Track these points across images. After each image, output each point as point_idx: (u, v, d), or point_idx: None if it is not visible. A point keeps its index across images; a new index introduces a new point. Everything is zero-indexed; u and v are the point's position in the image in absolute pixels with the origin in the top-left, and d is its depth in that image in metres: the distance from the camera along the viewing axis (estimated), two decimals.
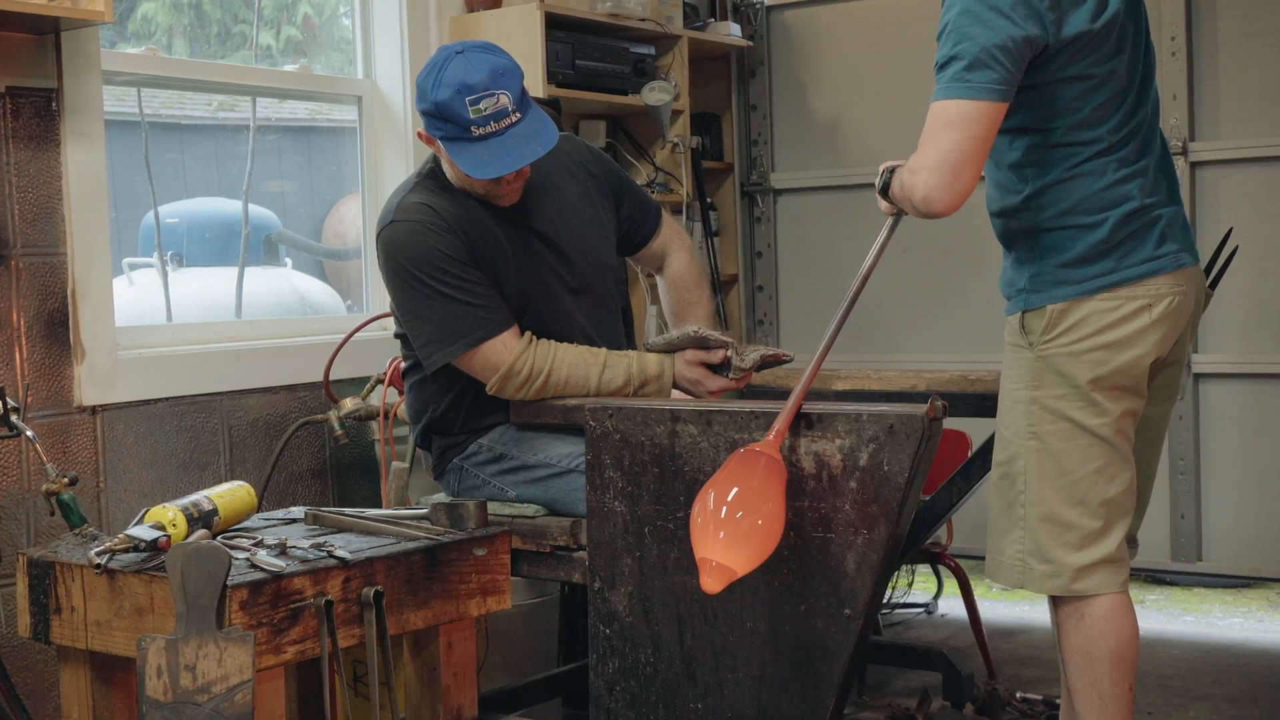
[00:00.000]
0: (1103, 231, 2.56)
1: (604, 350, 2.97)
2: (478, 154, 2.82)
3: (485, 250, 2.98)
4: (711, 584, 2.34)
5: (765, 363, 2.97)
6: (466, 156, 2.83)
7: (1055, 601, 2.64)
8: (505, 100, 2.81)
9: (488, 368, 2.92)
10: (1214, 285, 3.00)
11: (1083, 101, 2.57)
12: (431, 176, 3.04)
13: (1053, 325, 2.57)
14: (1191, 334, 2.77)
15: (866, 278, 2.79)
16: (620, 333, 3.23)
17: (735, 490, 2.40)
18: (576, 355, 2.94)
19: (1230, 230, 3.11)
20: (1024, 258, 2.64)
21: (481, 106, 2.79)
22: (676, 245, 3.33)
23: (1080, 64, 2.55)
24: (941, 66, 2.55)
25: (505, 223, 3.02)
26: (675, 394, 3.03)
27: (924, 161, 2.53)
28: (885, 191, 2.73)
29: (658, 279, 3.35)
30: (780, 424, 2.52)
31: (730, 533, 2.36)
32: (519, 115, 2.84)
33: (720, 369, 2.97)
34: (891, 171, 2.71)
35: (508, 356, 2.90)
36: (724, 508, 2.38)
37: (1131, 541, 2.80)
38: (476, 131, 2.81)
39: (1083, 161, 2.58)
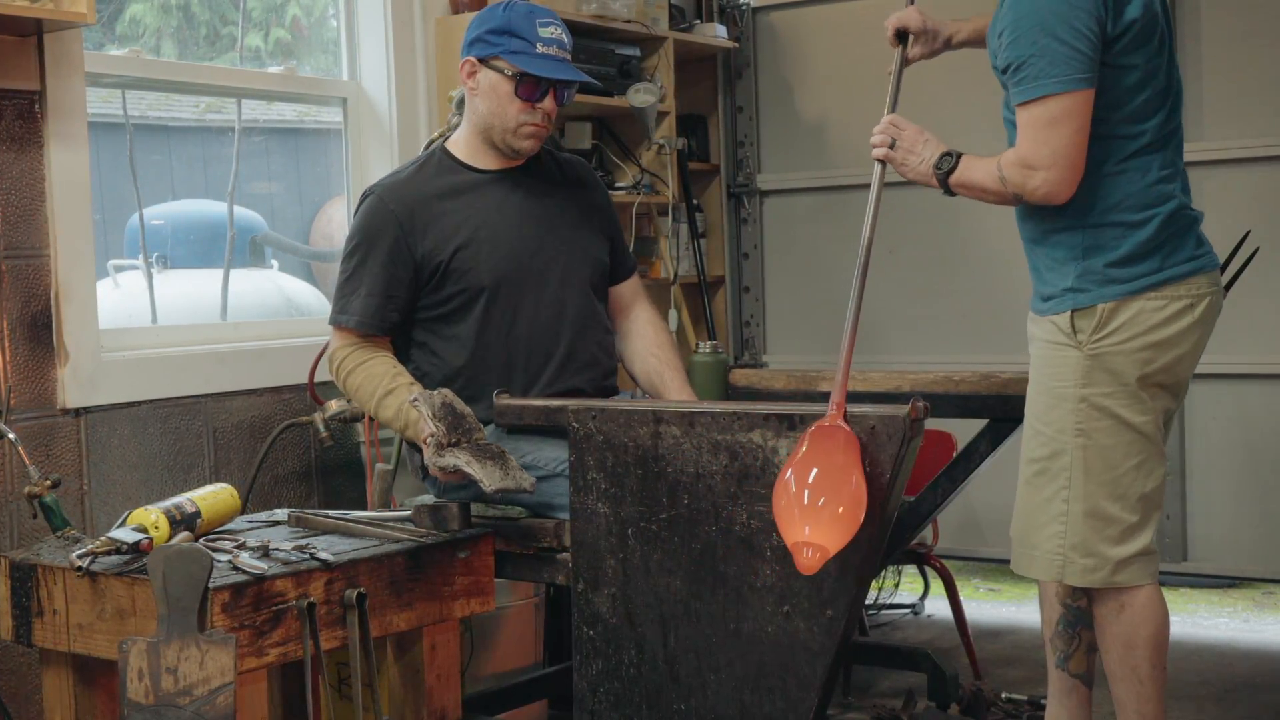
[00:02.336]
0: (1149, 230, 2.67)
1: (402, 381, 3.02)
2: (539, 62, 3.06)
3: (462, 232, 3.08)
4: (809, 565, 2.36)
5: (452, 476, 2.80)
6: (529, 61, 3.06)
7: (1094, 595, 2.75)
8: (565, 38, 3.12)
9: (331, 346, 3.15)
10: (1229, 286, 3.06)
11: (1133, 94, 2.68)
12: (433, 157, 3.21)
13: (1103, 324, 2.67)
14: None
15: (870, 242, 2.84)
16: (607, 326, 3.27)
17: (815, 471, 2.41)
18: (379, 374, 3.03)
19: (1248, 233, 3.15)
20: (1066, 257, 2.73)
21: (549, 31, 3.09)
22: (644, 300, 3.40)
23: (1133, 55, 2.66)
24: (1020, 67, 2.65)
25: (505, 203, 3.14)
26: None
27: (1039, 159, 2.63)
28: (948, 179, 2.77)
29: (623, 325, 3.35)
30: (837, 395, 2.52)
31: (815, 519, 2.36)
32: (570, 59, 3.13)
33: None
34: (957, 158, 2.75)
35: (336, 343, 3.11)
36: (806, 492, 2.39)
37: None
38: (540, 49, 3.07)
39: (1129, 156, 2.69)
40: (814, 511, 2.36)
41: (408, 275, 3.07)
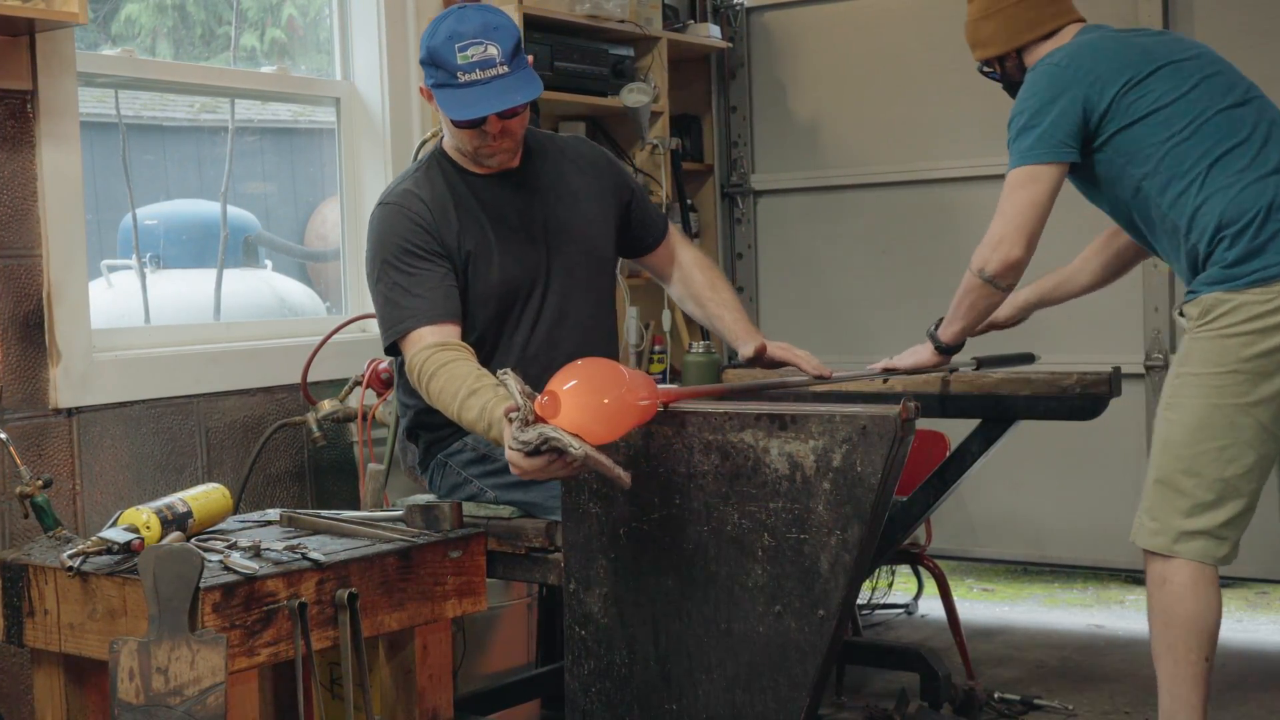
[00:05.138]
0: (1250, 232, 2.78)
1: (486, 382, 2.76)
2: (460, 99, 2.89)
3: (469, 238, 3.00)
4: (538, 404, 2.37)
5: (543, 447, 2.35)
6: (450, 101, 2.90)
7: (1146, 567, 2.84)
8: (494, 51, 2.88)
9: (406, 359, 2.93)
10: None
11: (1166, 127, 2.85)
12: (435, 161, 3.09)
13: (1207, 312, 2.80)
14: None
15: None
16: (612, 327, 3.25)
17: (616, 371, 2.43)
18: (462, 375, 2.77)
19: None
20: (1197, 271, 2.87)
21: (469, 54, 2.87)
22: (686, 245, 3.38)
23: (1143, 101, 2.86)
24: (1011, 140, 2.92)
25: (505, 209, 3.05)
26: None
27: (995, 227, 2.91)
28: (937, 330, 3.19)
29: (674, 273, 3.35)
30: (678, 390, 2.65)
31: (579, 386, 2.37)
32: (506, 69, 2.90)
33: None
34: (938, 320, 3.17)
35: (413, 350, 2.88)
36: (595, 370, 2.41)
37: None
38: (462, 78, 2.88)
39: (1207, 179, 2.82)
40: (584, 382, 2.37)
41: (449, 266, 2.97)
